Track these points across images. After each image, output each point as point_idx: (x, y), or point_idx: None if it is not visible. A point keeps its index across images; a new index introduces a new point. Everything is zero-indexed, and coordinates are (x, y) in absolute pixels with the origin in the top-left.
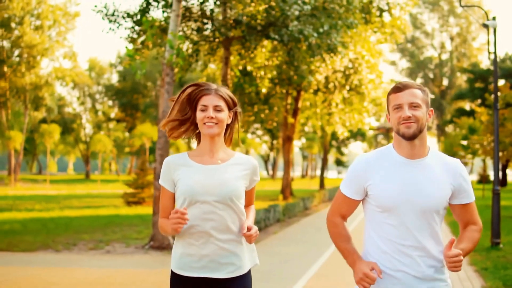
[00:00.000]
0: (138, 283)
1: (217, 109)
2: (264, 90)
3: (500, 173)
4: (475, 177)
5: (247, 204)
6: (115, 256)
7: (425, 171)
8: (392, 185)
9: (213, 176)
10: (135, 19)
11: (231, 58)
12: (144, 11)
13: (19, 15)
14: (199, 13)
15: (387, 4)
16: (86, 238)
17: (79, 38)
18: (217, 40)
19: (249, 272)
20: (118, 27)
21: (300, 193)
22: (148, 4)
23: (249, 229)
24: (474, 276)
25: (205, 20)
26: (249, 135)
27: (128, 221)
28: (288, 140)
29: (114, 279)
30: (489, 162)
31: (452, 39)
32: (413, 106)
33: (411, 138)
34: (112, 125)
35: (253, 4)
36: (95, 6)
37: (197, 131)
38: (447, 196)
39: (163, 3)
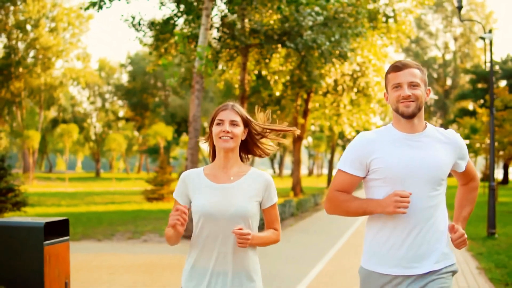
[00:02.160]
0: (183, 264)
1: (233, 123)
2: (278, 94)
3: (503, 172)
4: (478, 175)
5: (267, 227)
6: (153, 244)
7: (425, 143)
8: (396, 159)
9: (224, 196)
10: (159, 28)
11: (247, 63)
12: (168, 21)
13: (35, 18)
14: (220, 23)
15: (393, 11)
16: (121, 229)
17: (90, 39)
18: (234, 47)
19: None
20: (144, 36)
21: (309, 190)
22: (177, 19)
23: (241, 229)
24: (470, 260)
25: (225, 29)
26: None
27: (153, 215)
28: (298, 139)
29: (160, 261)
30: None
31: (455, 39)
32: (413, 85)
33: (410, 116)
34: (121, 124)
35: (268, 14)
36: (122, 15)
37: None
38: (450, 165)
39: (186, 16)
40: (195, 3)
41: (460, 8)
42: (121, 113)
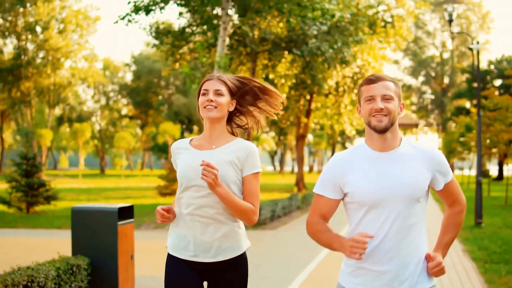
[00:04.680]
0: None
1: (217, 93)
2: (284, 95)
3: (497, 168)
4: (474, 172)
5: (244, 198)
6: None
7: (399, 161)
8: (367, 180)
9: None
10: (175, 36)
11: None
12: (183, 30)
13: (44, 20)
14: (232, 31)
15: (391, 16)
16: (146, 220)
17: (96, 39)
18: (244, 53)
19: (244, 254)
20: (161, 43)
21: (311, 185)
22: (194, 28)
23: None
24: (457, 244)
25: (236, 37)
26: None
27: None
28: (301, 138)
29: None
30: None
31: (453, 38)
32: (386, 98)
33: (382, 131)
34: (124, 122)
35: (275, 23)
36: (140, 23)
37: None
38: (425, 183)
39: (202, 26)
40: (210, 14)
41: (450, 21)
42: (124, 111)
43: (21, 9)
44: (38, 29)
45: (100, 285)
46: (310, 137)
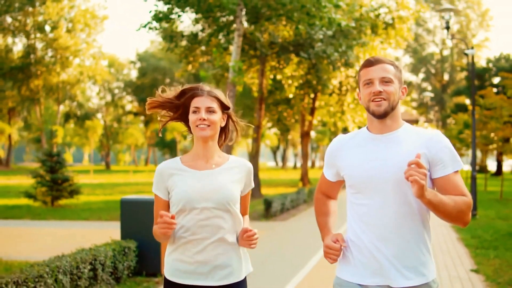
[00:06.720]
0: None
1: (209, 110)
2: (291, 96)
3: (496, 164)
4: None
5: (242, 213)
6: None
7: (393, 143)
8: (358, 162)
9: (208, 182)
10: (189, 40)
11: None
12: (196, 34)
13: (54, 20)
14: (243, 35)
15: (392, 19)
16: None
17: (102, 37)
18: (254, 56)
19: (244, 280)
20: (175, 46)
21: (315, 180)
22: (209, 37)
23: (249, 231)
24: (452, 232)
25: (247, 41)
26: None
27: None
28: (306, 135)
29: None
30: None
31: (452, 36)
32: (385, 81)
33: (381, 116)
34: (129, 118)
35: (283, 27)
36: (155, 28)
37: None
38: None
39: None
40: (224, 21)
41: (448, 28)
42: (128, 107)
43: (31, 9)
44: (47, 28)
45: (146, 264)
46: (312, 134)
